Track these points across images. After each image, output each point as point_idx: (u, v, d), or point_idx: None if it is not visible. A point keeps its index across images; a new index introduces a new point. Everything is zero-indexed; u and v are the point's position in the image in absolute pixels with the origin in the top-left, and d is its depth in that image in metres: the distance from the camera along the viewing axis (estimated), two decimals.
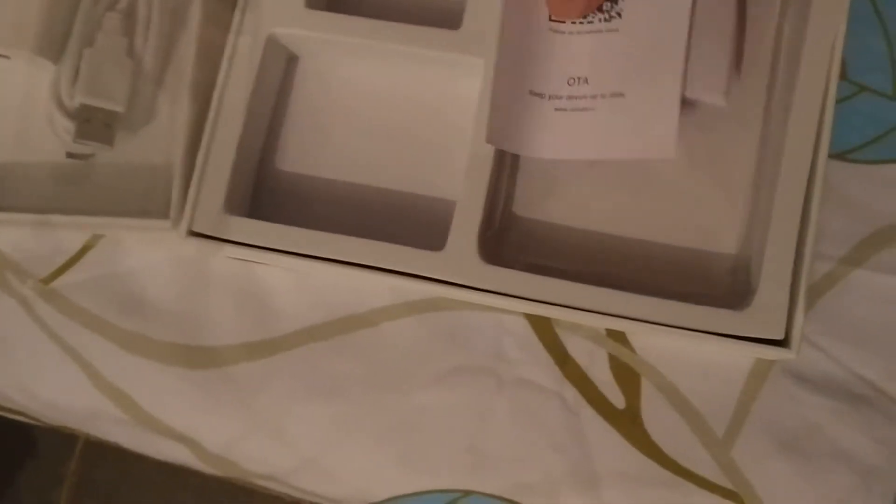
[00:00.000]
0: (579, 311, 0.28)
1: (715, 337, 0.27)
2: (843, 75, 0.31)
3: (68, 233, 0.34)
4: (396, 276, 0.29)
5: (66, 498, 0.99)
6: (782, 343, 0.27)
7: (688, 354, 0.29)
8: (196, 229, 0.30)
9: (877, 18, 0.31)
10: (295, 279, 0.32)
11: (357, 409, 0.31)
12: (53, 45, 0.33)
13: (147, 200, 0.32)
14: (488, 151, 0.29)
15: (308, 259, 0.29)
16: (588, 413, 0.30)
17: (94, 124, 0.32)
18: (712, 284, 0.29)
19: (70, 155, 0.34)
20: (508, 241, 0.31)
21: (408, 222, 0.31)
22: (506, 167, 0.31)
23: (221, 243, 0.30)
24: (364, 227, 0.30)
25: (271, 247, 0.30)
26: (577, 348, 0.30)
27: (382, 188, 0.32)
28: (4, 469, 1.00)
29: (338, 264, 0.29)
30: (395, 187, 0.32)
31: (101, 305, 0.33)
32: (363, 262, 0.29)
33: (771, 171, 0.28)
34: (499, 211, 0.31)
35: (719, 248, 0.29)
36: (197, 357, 0.32)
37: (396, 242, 0.29)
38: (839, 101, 0.27)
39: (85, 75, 0.32)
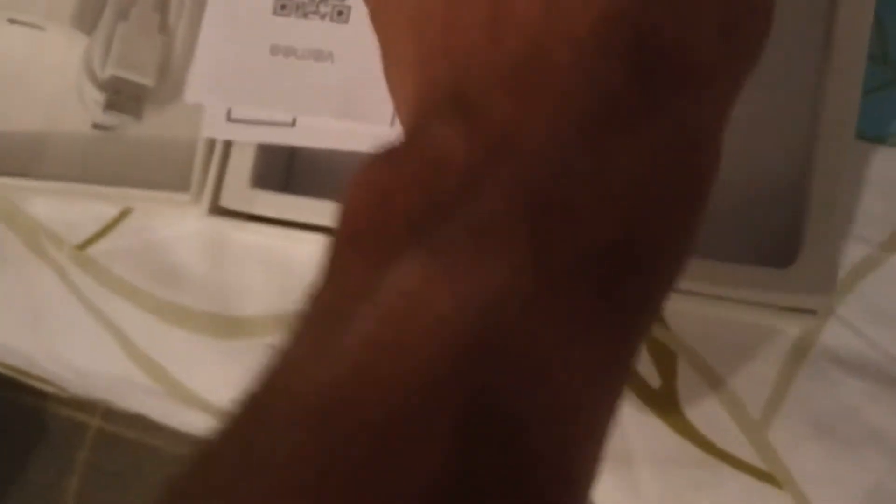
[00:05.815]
0: None
1: (749, 306, 0.27)
2: (886, 59, 0.30)
3: (102, 201, 0.34)
4: None
5: (76, 485, 0.99)
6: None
7: (725, 335, 0.29)
8: (222, 204, 0.30)
9: None
10: None
11: None
12: (88, 18, 0.33)
13: (172, 174, 0.32)
14: None
15: None
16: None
17: (123, 96, 0.32)
18: (755, 246, 0.29)
19: (96, 125, 0.34)
20: None
21: None
22: None
23: (246, 221, 0.30)
24: None
25: (302, 221, 0.29)
26: None
27: None
28: (17, 455, 1.01)
29: None
30: None
31: (135, 273, 0.33)
32: None
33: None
34: None
35: (760, 207, 0.29)
36: (230, 327, 0.32)
37: None
38: (881, 86, 0.27)
39: (118, 48, 0.32)
